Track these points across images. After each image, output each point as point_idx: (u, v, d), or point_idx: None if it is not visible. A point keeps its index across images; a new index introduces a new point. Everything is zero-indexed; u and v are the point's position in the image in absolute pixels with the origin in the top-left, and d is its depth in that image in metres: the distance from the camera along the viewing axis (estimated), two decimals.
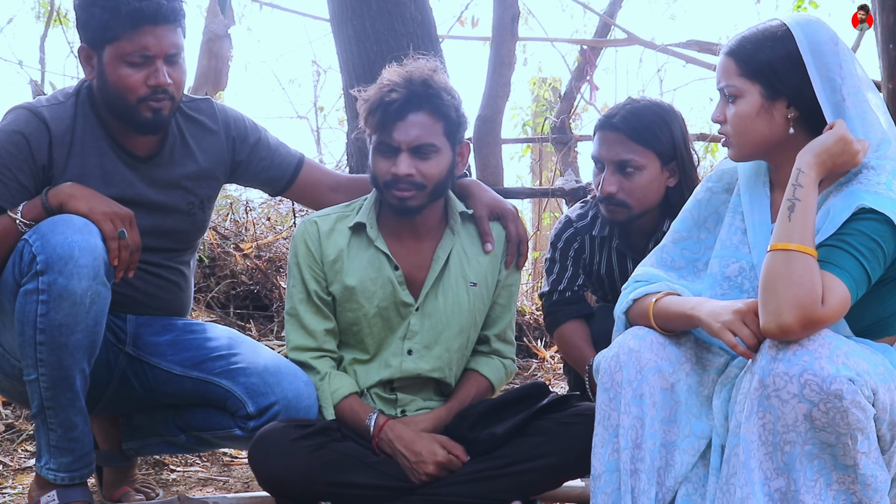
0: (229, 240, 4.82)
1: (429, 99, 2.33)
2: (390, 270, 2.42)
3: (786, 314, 1.80)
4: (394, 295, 2.43)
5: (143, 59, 2.32)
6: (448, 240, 2.45)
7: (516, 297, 2.57)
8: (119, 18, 2.29)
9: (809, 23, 1.98)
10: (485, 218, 2.49)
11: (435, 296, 2.44)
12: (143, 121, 2.36)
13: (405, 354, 2.44)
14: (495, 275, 2.50)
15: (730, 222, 2.10)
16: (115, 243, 2.26)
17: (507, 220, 2.51)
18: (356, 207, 2.48)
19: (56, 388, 2.26)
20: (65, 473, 2.34)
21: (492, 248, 2.48)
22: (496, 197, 2.55)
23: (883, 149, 1.96)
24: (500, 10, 5.34)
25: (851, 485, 1.83)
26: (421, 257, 2.45)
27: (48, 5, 7.31)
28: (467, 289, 2.46)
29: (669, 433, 1.97)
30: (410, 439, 2.33)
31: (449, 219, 2.47)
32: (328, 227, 2.45)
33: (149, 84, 2.32)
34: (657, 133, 2.61)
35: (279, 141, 2.65)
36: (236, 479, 3.08)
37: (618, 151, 2.61)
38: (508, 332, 2.56)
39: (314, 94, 7.70)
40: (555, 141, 6.52)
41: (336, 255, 2.43)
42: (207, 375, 2.43)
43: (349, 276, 2.42)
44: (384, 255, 2.42)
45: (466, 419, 2.39)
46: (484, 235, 2.48)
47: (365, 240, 2.44)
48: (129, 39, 2.30)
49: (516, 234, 2.50)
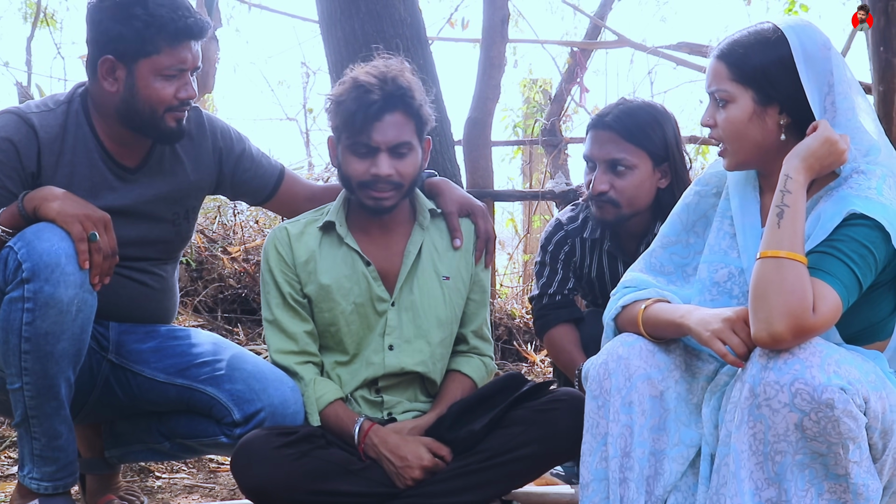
0: (217, 243, 4.79)
1: (402, 99, 2.35)
2: (363, 266, 2.43)
3: (777, 323, 1.78)
4: (369, 290, 2.43)
5: (178, 72, 2.35)
6: (418, 235, 2.47)
7: (488, 294, 2.58)
8: (163, 34, 2.31)
9: (803, 28, 1.96)
10: (454, 214, 2.51)
11: (410, 290, 2.45)
12: (168, 130, 2.38)
13: (386, 350, 2.44)
14: (468, 269, 2.52)
15: (718, 227, 2.08)
16: (84, 245, 2.21)
17: (476, 216, 2.54)
18: (324, 211, 2.50)
19: (41, 396, 2.24)
20: (48, 483, 2.31)
21: (460, 244, 2.50)
22: (465, 195, 2.58)
23: (873, 154, 1.95)
24: (489, 11, 5.33)
25: (843, 494, 1.81)
26: (391, 252, 2.46)
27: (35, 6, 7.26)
28: (440, 282, 2.47)
29: (658, 441, 1.96)
30: (396, 444, 2.31)
31: (417, 215, 2.49)
32: (298, 231, 2.46)
33: (178, 97, 2.36)
34: (650, 133, 2.61)
35: (261, 152, 2.67)
36: (222, 486, 3.05)
37: (610, 150, 2.61)
38: (485, 329, 2.57)
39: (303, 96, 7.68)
40: (545, 143, 6.51)
41: (308, 255, 2.44)
42: (192, 382, 2.41)
43: (323, 275, 2.42)
44: (355, 252, 2.43)
45: (445, 420, 2.37)
46: (453, 231, 2.50)
47: (335, 238, 2.45)
48: (169, 54, 2.33)
49: (485, 230, 2.53)
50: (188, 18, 2.33)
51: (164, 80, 2.34)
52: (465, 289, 2.51)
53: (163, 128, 2.37)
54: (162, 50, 2.32)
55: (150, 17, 2.30)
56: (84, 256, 2.21)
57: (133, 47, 2.32)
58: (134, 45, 2.32)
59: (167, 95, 2.34)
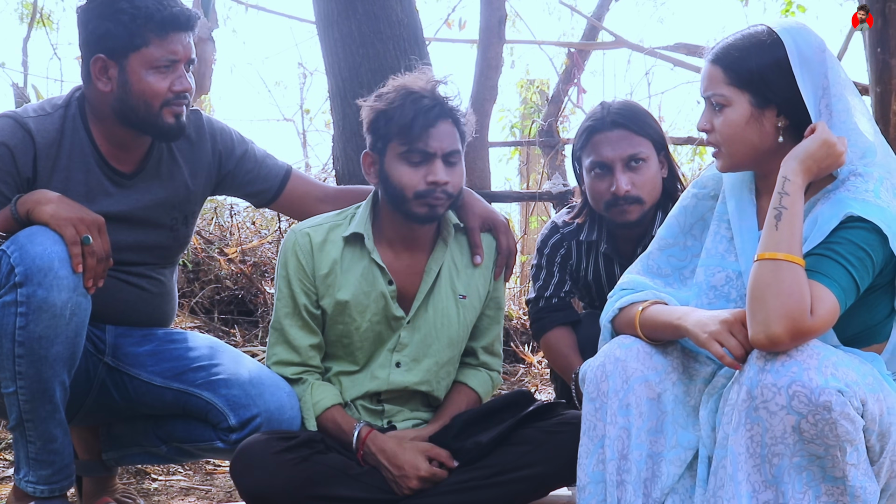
0: (214, 244, 4.78)
1: (453, 108, 2.33)
2: (384, 285, 2.39)
3: (774, 325, 1.78)
4: (385, 309, 2.40)
5: (170, 64, 2.33)
6: (440, 252, 2.43)
7: (504, 310, 2.55)
8: (150, 25, 2.30)
9: (798, 30, 1.96)
10: (476, 230, 2.47)
11: (426, 309, 2.42)
12: (167, 127, 2.36)
13: (393, 367, 2.41)
14: (486, 286, 2.49)
15: (715, 230, 2.08)
16: (77, 248, 2.20)
17: (498, 231, 2.50)
18: (349, 216, 2.44)
19: (35, 400, 2.23)
20: (44, 486, 2.30)
21: (481, 261, 2.46)
22: (488, 208, 2.53)
23: (869, 156, 1.94)
24: (487, 12, 5.32)
25: (840, 497, 1.81)
26: (413, 270, 2.42)
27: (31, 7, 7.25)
28: (456, 301, 2.44)
29: (656, 444, 1.95)
30: (393, 452, 2.29)
31: (442, 230, 2.44)
32: (321, 239, 2.40)
33: (173, 89, 2.34)
34: (649, 122, 2.65)
35: (266, 152, 2.64)
36: (219, 489, 3.05)
37: (625, 147, 2.60)
38: (496, 345, 2.55)
39: (300, 97, 7.66)
40: (542, 144, 6.51)
41: (329, 268, 2.39)
42: (188, 387, 2.40)
43: (342, 290, 2.38)
44: (379, 268, 2.39)
45: (451, 429, 2.36)
46: (474, 248, 2.46)
47: (359, 251, 2.40)
48: (159, 45, 2.32)
49: (507, 246, 2.49)
50: (174, 8, 2.32)
51: (157, 73, 2.33)
52: (481, 305, 2.48)
53: (161, 124, 2.36)
54: (151, 42, 2.31)
55: (136, 9, 2.30)
56: (77, 260, 2.20)
57: (122, 42, 2.31)
58: (122, 40, 2.31)
59: (161, 89, 2.33)
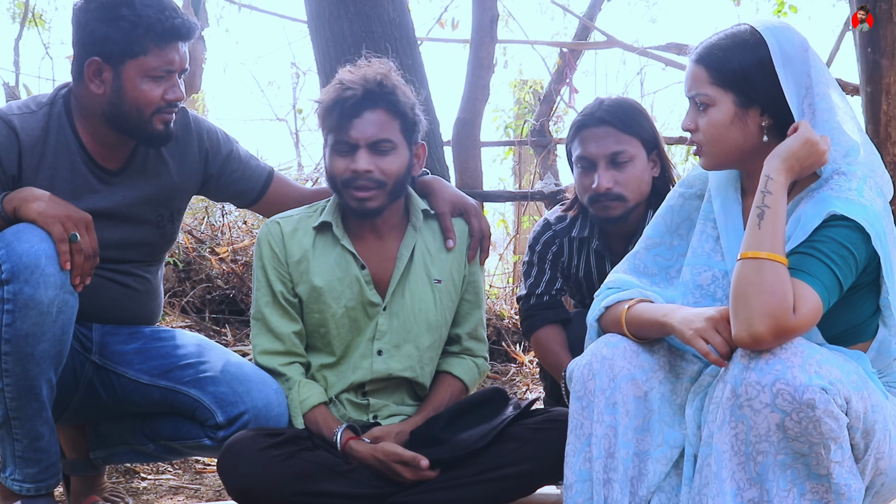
0: (205, 243, 4.78)
1: (384, 97, 2.34)
2: (357, 269, 2.42)
3: (757, 323, 1.78)
4: (361, 294, 2.41)
5: (166, 73, 2.33)
6: (410, 237, 2.45)
7: (483, 294, 2.56)
8: (150, 35, 2.30)
9: (781, 29, 1.96)
10: (447, 214, 2.49)
11: (401, 294, 2.44)
12: (155, 133, 2.37)
13: (375, 355, 2.43)
14: (461, 270, 2.50)
15: (701, 230, 2.08)
16: (65, 246, 2.20)
17: (469, 215, 2.52)
18: (319, 208, 2.48)
19: (22, 398, 2.23)
20: (31, 484, 2.30)
21: (454, 245, 2.48)
22: (458, 193, 2.56)
23: (853, 155, 1.95)
24: (479, 12, 5.32)
25: (825, 494, 1.81)
26: (384, 256, 2.44)
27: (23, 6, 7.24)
28: (432, 286, 2.45)
29: (642, 442, 1.96)
30: (371, 465, 2.29)
31: (411, 216, 2.47)
32: (291, 228, 2.44)
33: (166, 98, 2.34)
34: (639, 121, 2.65)
35: (249, 153, 2.65)
36: (208, 488, 3.04)
37: (609, 144, 2.61)
38: (479, 330, 2.56)
39: (293, 97, 7.68)
40: (534, 144, 6.51)
41: (301, 255, 2.42)
42: (175, 385, 2.40)
43: (316, 276, 2.41)
44: (350, 254, 2.42)
45: (438, 421, 2.36)
46: (446, 232, 2.49)
47: (330, 239, 2.43)
48: (157, 55, 2.32)
49: (479, 228, 2.51)
50: (175, 19, 2.32)
51: (152, 81, 2.33)
52: (457, 291, 2.50)
53: (150, 131, 2.36)
54: (149, 51, 2.31)
55: (138, 17, 2.29)
56: (65, 257, 2.20)
57: (120, 48, 2.30)
58: (121, 47, 2.30)
59: (154, 97, 2.33)
